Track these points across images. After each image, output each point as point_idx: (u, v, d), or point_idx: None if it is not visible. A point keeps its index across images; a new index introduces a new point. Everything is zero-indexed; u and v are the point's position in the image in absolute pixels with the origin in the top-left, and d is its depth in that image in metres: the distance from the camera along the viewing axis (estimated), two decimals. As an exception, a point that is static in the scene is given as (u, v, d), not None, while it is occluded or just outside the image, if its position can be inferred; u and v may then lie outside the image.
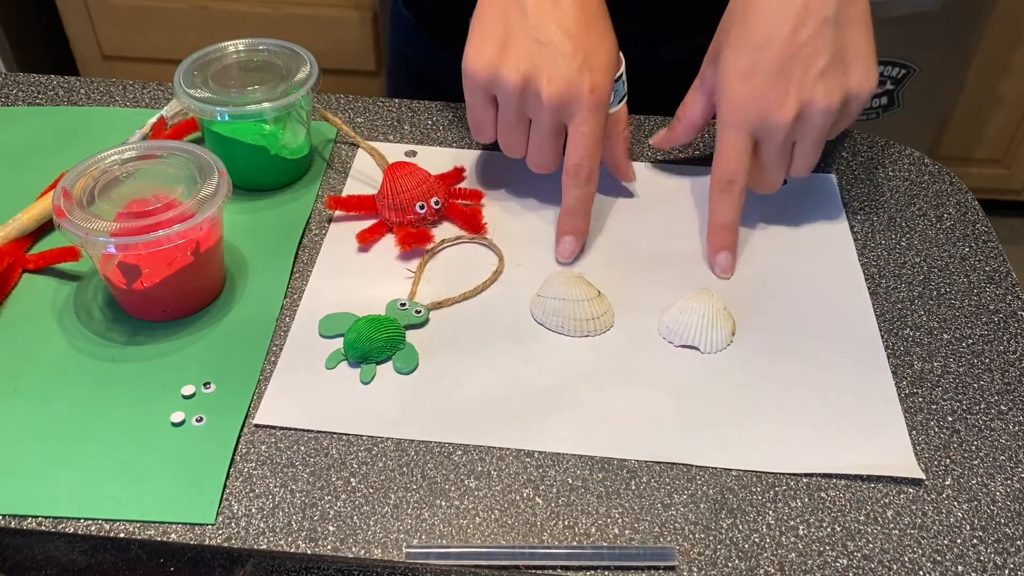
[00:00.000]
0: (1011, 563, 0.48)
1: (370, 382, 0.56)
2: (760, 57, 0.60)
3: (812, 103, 0.60)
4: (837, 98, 0.60)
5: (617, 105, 0.66)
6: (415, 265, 0.65)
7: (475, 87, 0.62)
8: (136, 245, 0.54)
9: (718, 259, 0.64)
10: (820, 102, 0.60)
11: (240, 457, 0.52)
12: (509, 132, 0.64)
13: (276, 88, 0.66)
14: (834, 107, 0.60)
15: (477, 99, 0.63)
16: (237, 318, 0.60)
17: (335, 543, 0.49)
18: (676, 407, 0.55)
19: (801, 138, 0.62)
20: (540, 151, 0.64)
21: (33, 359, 0.57)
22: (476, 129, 0.66)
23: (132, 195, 0.57)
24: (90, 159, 0.59)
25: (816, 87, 0.59)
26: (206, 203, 0.56)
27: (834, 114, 0.60)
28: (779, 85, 0.60)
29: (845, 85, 0.60)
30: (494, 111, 0.64)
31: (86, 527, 0.49)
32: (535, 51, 0.60)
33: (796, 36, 0.59)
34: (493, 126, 0.65)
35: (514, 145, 0.65)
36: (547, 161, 0.64)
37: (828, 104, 0.60)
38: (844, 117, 0.62)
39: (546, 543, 0.49)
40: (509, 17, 0.61)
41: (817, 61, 0.59)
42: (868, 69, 0.60)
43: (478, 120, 0.65)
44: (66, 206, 0.55)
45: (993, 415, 0.56)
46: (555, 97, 0.60)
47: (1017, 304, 0.63)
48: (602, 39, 0.61)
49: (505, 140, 0.65)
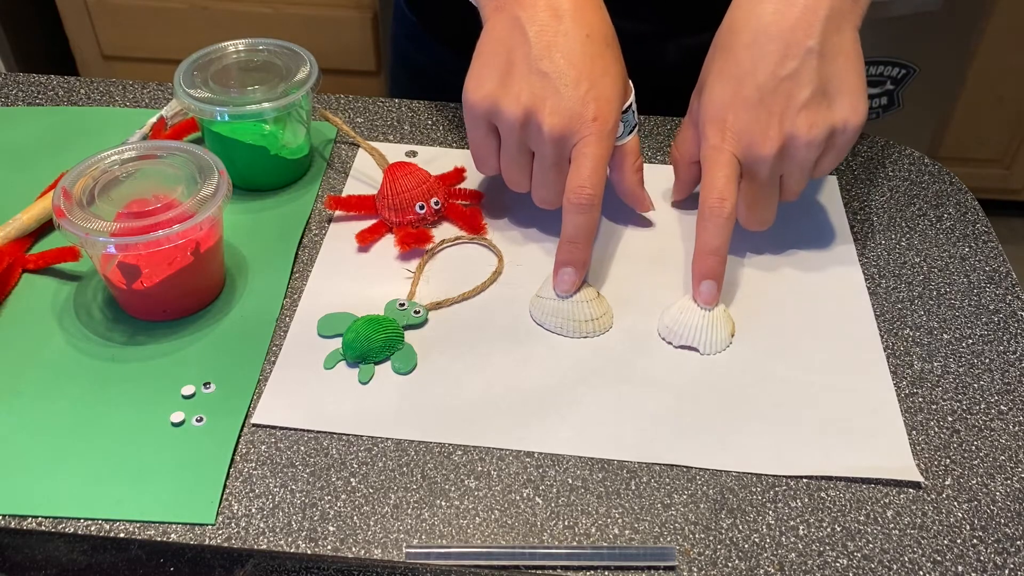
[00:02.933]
0: (1011, 563, 0.48)
1: (368, 382, 0.56)
2: (741, 88, 0.58)
3: (795, 136, 0.58)
4: (821, 131, 0.58)
5: (627, 136, 0.63)
6: (414, 265, 0.65)
7: (476, 119, 0.61)
8: (136, 245, 0.54)
9: (702, 288, 0.60)
10: (803, 136, 0.57)
11: (240, 457, 0.52)
12: (512, 166, 0.62)
13: (276, 88, 0.66)
14: (817, 140, 0.58)
15: (478, 131, 0.62)
16: (237, 318, 0.60)
17: (335, 543, 0.49)
18: (675, 408, 0.55)
19: (787, 172, 0.60)
20: (544, 186, 0.62)
21: (33, 359, 0.57)
22: (479, 162, 0.64)
23: (132, 195, 0.57)
24: (90, 159, 0.59)
25: (798, 120, 0.57)
26: (206, 203, 0.56)
27: (818, 147, 0.58)
28: (761, 117, 0.58)
29: (830, 119, 0.58)
30: (496, 143, 0.62)
31: (86, 527, 0.49)
32: (537, 82, 0.58)
33: (779, 68, 0.57)
34: (496, 158, 0.63)
35: (518, 180, 0.63)
36: (552, 196, 0.62)
37: (811, 138, 0.58)
38: (831, 151, 0.60)
39: (546, 543, 0.49)
40: (512, 45, 0.58)
41: (800, 93, 0.57)
42: (855, 102, 0.58)
43: (480, 153, 0.63)
44: (66, 206, 0.55)
45: (993, 415, 0.56)
46: (556, 129, 0.58)
47: (1017, 304, 0.63)
48: (609, 67, 0.59)
49: (508, 174, 0.63)
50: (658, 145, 0.76)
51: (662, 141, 0.76)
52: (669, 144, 0.76)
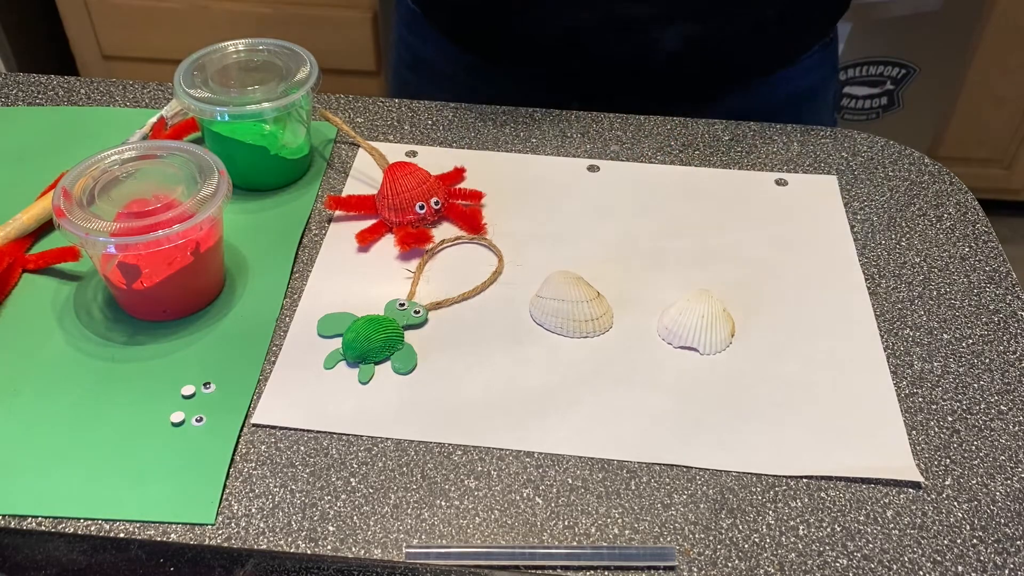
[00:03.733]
0: (1011, 563, 0.48)
1: (368, 382, 0.56)
2: None
3: None
4: None
5: None
6: (414, 265, 0.65)
7: None
8: (136, 245, 0.54)
9: None
10: None
11: (240, 457, 0.52)
12: None
13: (276, 88, 0.66)
14: None
15: None
16: (237, 318, 0.60)
17: (335, 543, 0.49)
18: (675, 408, 0.55)
19: None
20: None
21: (33, 359, 0.57)
22: None
23: (132, 195, 0.57)
24: (90, 159, 0.59)
25: None
26: (206, 203, 0.56)
27: None
28: None
29: None
30: None
31: (86, 527, 0.49)
32: None
33: None
34: None
35: None
36: None
37: None
38: None
39: (546, 543, 0.49)
40: None
41: None
42: None
43: None
44: (66, 206, 0.55)
45: (993, 415, 0.56)
46: None
47: (1017, 304, 0.63)
48: None
49: None
50: (658, 145, 0.76)
51: (662, 141, 0.77)
52: (669, 144, 0.76)
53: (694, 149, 0.76)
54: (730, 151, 0.76)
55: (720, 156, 0.75)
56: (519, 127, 0.78)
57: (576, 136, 0.77)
